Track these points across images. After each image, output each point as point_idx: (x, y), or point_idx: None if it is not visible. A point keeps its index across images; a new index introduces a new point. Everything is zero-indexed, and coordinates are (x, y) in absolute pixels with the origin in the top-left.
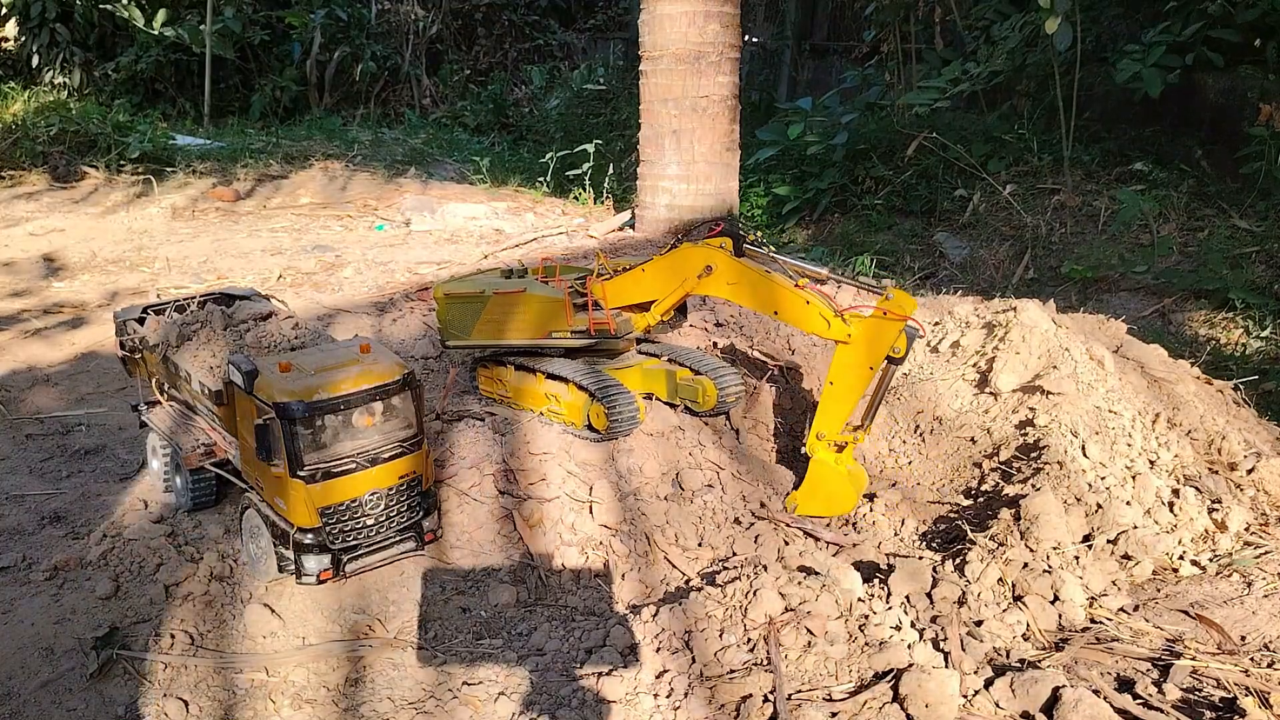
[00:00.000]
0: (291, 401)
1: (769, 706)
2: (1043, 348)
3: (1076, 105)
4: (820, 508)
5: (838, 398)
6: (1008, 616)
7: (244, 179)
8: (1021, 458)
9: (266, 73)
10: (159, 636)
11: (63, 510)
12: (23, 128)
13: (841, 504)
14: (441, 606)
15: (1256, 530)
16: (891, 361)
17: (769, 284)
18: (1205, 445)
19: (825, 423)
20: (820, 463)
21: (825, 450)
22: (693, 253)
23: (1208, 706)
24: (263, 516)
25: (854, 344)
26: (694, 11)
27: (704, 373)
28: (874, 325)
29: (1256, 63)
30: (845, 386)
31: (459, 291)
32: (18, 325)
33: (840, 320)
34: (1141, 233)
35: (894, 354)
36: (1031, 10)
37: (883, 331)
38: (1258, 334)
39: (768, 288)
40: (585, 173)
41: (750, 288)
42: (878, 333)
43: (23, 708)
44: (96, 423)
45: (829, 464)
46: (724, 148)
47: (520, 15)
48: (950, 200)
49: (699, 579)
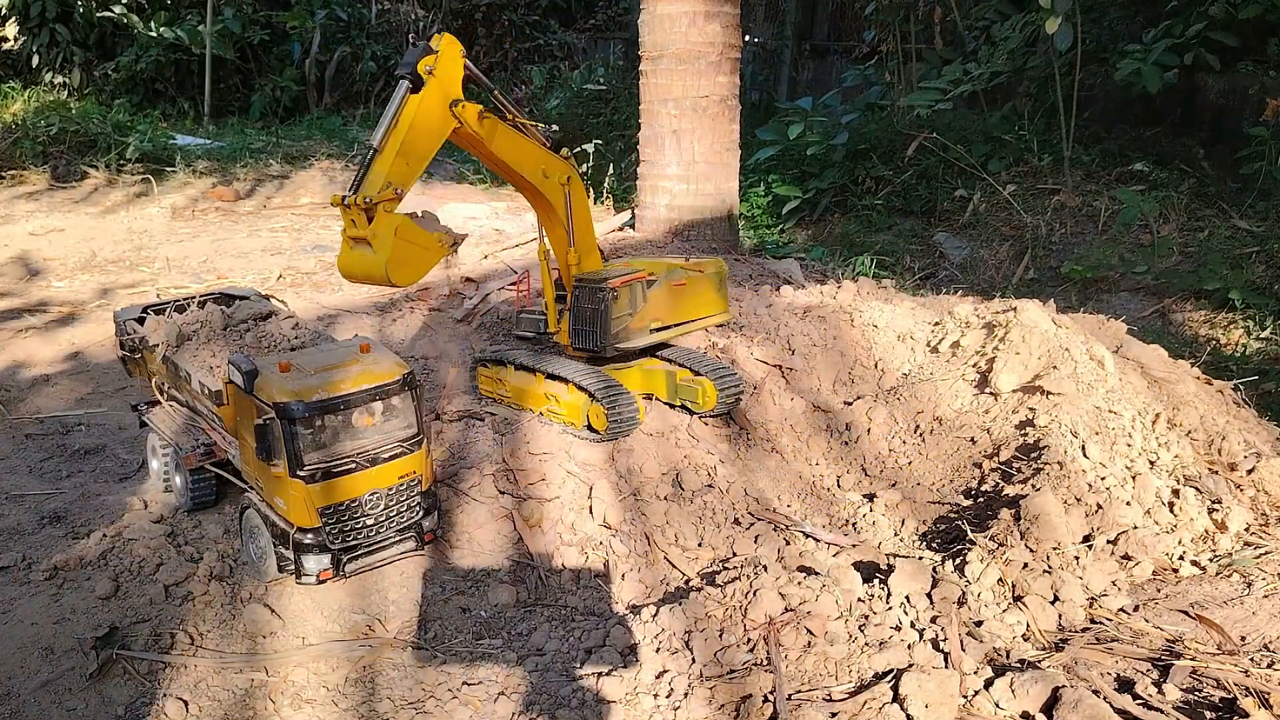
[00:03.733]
0: (291, 401)
1: (769, 706)
2: (1043, 348)
3: (1077, 105)
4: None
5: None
6: (1008, 616)
7: (244, 179)
8: (1021, 458)
9: (266, 73)
10: (159, 636)
11: (62, 510)
12: (23, 128)
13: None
14: (441, 606)
15: (1256, 530)
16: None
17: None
18: (1205, 445)
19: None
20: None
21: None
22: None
23: (1208, 707)
24: (262, 516)
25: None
26: (694, 11)
27: (704, 373)
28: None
29: (1258, 61)
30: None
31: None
32: (17, 324)
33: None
34: (1141, 233)
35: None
36: (1032, 10)
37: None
38: (1258, 334)
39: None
40: (585, 173)
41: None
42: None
43: (23, 707)
44: (96, 423)
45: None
46: (724, 148)
47: (520, 15)
48: (950, 200)
49: (699, 579)
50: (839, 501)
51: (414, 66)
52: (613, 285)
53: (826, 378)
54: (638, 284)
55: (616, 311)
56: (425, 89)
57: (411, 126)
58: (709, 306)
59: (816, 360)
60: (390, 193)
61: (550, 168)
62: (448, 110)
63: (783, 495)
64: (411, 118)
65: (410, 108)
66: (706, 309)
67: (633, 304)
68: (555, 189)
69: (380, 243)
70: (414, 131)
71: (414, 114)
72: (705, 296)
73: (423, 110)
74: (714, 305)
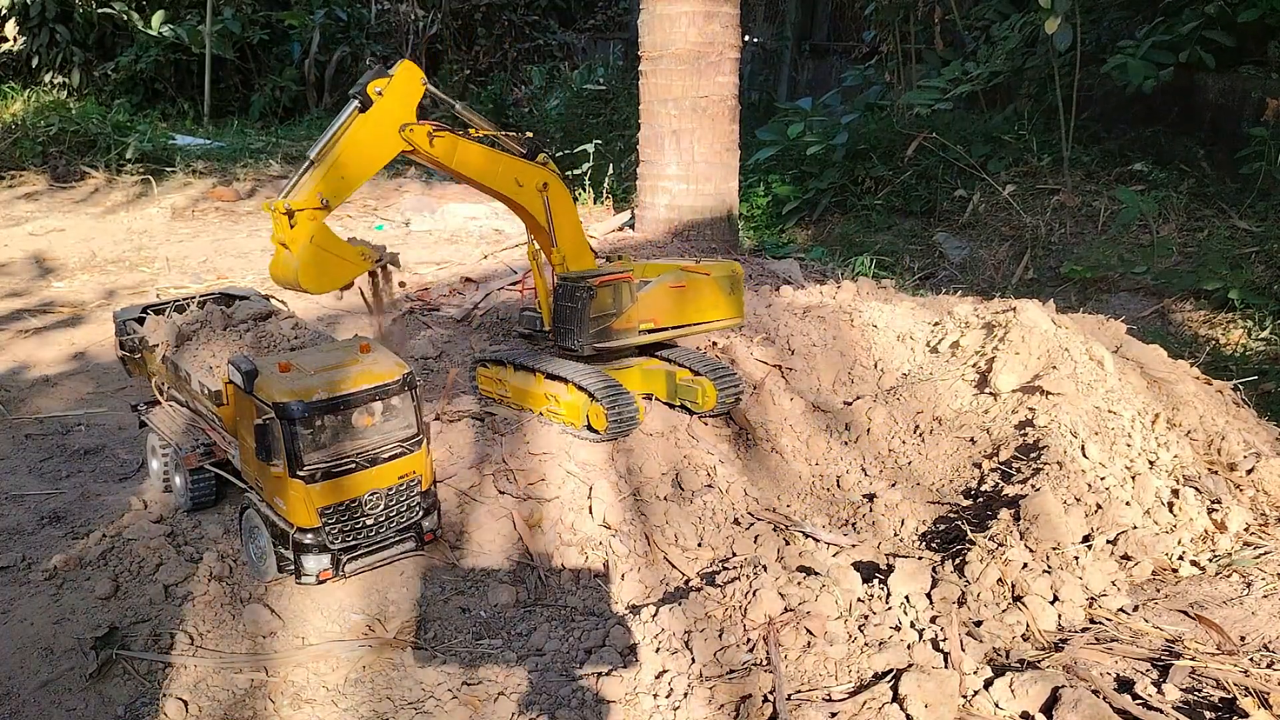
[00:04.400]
0: (291, 401)
1: (769, 706)
2: (1042, 348)
3: (1076, 105)
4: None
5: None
6: (1007, 616)
7: (244, 179)
8: (1021, 458)
9: (266, 73)
10: (159, 636)
11: (62, 510)
12: (23, 128)
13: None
14: (441, 606)
15: (1256, 530)
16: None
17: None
18: (1205, 445)
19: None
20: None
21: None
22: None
23: (1207, 707)
24: (262, 516)
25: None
26: (694, 11)
27: (703, 373)
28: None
29: (1258, 63)
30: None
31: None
32: (17, 325)
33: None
34: (1141, 233)
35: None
36: (1031, 10)
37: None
38: (1257, 334)
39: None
40: (585, 173)
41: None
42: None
43: (22, 708)
44: (96, 423)
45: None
46: (724, 148)
47: (520, 15)
48: (950, 200)
49: (699, 579)
50: (839, 501)
51: (364, 87)
52: (590, 284)
53: (826, 378)
54: (622, 284)
55: (595, 310)
56: (372, 109)
57: (353, 144)
58: (715, 310)
59: (816, 360)
60: (316, 201)
61: (524, 176)
62: (396, 133)
63: (783, 495)
64: (353, 135)
65: (354, 126)
66: (712, 313)
67: (617, 304)
68: (531, 196)
69: (296, 248)
70: (354, 148)
71: (356, 132)
72: (710, 300)
73: (366, 129)
74: (722, 309)
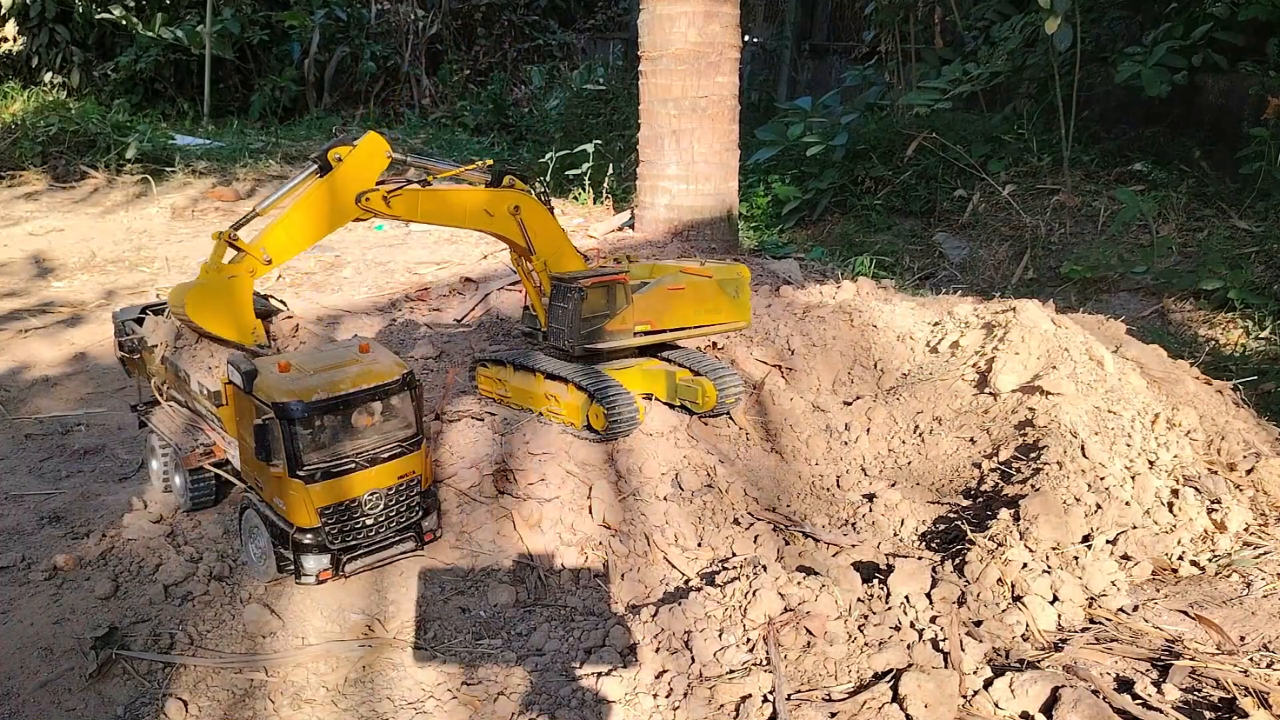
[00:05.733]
0: (291, 401)
1: (768, 706)
2: (1042, 348)
3: (1076, 105)
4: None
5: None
6: (1007, 616)
7: (244, 179)
8: (1021, 458)
9: (266, 73)
10: (159, 636)
11: (62, 510)
12: (22, 128)
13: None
14: (441, 606)
15: (1256, 530)
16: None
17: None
18: (1205, 445)
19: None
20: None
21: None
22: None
23: (1207, 706)
24: (262, 516)
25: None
26: (694, 11)
27: (703, 373)
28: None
29: (1258, 61)
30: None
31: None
32: (17, 325)
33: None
34: (1141, 233)
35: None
36: (1031, 11)
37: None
38: (1257, 334)
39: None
40: (585, 173)
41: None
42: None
43: (22, 708)
44: (96, 423)
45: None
46: (724, 148)
47: (520, 15)
48: (950, 200)
49: (698, 579)
50: (839, 501)
51: (325, 153)
52: (582, 285)
53: (826, 378)
54: (616, 285)
55: (587, 311)
56: (330, 174)
57: (306, 207)
58: (718, 313)
59: (816, 360)
60: (259, 254)
61: (493, 205)
62: (352, 202)
63: (783, 495)
64: (308, 198)
65: (310, 190)
66: (715, 315)
67: (610, 305)
68: (505, 222)
69: (206, 276)
70: (306, 212)
71: (311, 195)
72: (713, 302)
73: (320, 195)
74: (725, 312)
